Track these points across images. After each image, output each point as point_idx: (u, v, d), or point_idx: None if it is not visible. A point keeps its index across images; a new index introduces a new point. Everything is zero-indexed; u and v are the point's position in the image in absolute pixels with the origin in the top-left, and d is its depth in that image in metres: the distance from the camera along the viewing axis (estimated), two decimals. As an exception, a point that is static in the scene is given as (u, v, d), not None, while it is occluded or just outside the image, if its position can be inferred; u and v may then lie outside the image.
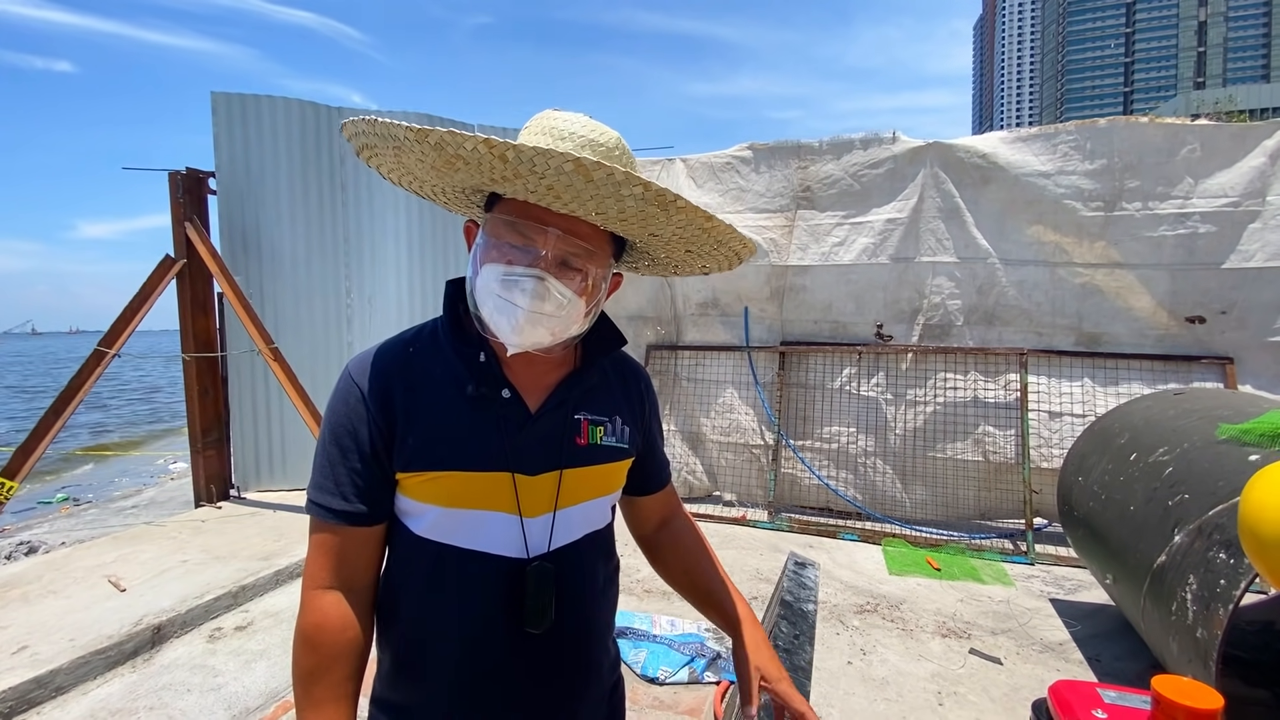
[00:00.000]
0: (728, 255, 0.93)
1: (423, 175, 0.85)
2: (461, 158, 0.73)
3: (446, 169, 0.78)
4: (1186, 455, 2.39)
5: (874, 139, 4.80)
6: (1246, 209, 4.09)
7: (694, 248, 0.90)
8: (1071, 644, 2.97)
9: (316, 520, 0.86)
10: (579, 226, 0.82)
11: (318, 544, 0.86)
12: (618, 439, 0.96)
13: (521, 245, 0.82)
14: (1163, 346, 4.33)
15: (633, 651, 2.76)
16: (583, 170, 0.70)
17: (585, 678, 0.95)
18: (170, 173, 4.85)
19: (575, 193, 0.74)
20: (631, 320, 5.49)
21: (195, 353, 4.95)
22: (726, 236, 0.86)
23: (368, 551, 0.88)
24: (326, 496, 0.85)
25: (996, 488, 4.50)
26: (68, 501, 7.65)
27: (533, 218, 0.81)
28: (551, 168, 0.70)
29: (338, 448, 0.86)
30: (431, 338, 0.92)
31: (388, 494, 0.88)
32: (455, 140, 0.70)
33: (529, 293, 0.79)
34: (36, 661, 2.64)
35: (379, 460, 0.85)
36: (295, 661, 0.85)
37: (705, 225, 0.82)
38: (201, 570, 3.59)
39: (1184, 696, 1.42)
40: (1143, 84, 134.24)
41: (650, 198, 0.74)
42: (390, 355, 0.89)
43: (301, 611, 0.85)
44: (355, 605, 0.86)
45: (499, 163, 0.71)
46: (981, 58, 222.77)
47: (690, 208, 0.77)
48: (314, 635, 0.84)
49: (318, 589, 0.85)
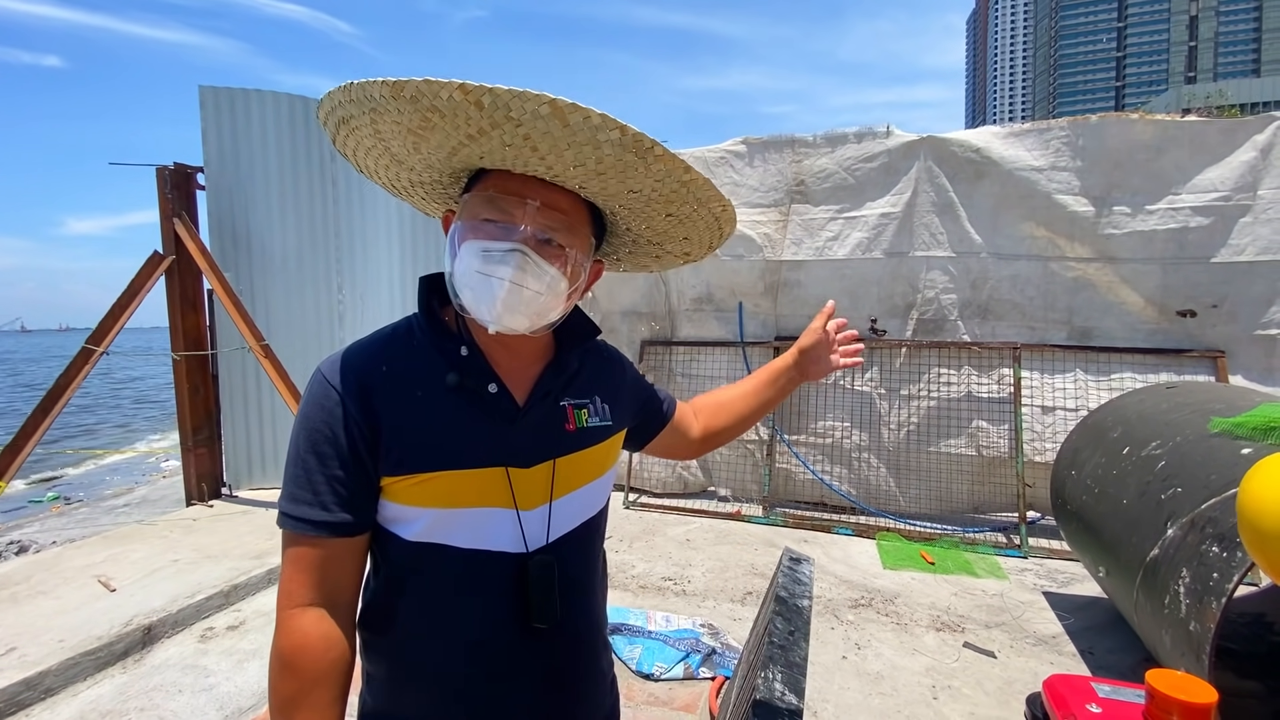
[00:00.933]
0: (708, 222, 0.91)
1: (398, 149, 0.81)
2: (438, 109, 0.70)
3: (423, 128, 0.75)
4: (1179, 449, 2.40)
5: (868, 133, 4.79)
6: (1237, 203, 4.10)
7: (674, 209, 0.87)
8: (1065, 637, 2.99)
9: (293, 534, 0.81)
10: (558, 199, 0.81)
11: (295, 559, 0.80)
12: (600, 418, 0.97)
13: (501, 221, 0.80)
14: (1154, 341, 4.35)
15: (628, 648, 2.76)
16: (559, 113, 0.68)
17: (590, 670, 0.95)
18: (158, 168, 4.79)
19: (552, 142, 0.72)
20: (625, 316, 5.48)
21: (185, 349, 4.91)
22: (705, 194, 0.84)
23: (351, 563, 0.84)
24: (304, 508, 0.80)
25: (990, 481, 4.51)
26: (58, 500, 7.59)
27: (510, 192, 0.80)
28: (528, 112, 0.68)
29: (315, 455, 0.80)
30: (408, 335, 0.89)
31: (371, 502, 0.83)
32: (430, 90, 0.68)
33: (511, 265, 0.78)
34: (25, 663, 2.61)
35: (362, 465, 0.81)
36: (273, 688, 0.79)
37: (684, 178, 0.80)
38: (193, 569, 3.56)
39: (1178, 690, 1.42)
40: (1134, 78, 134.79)
41: (628, 143, 0.72)
42: (366, 355, 0.85)
43: (278, 634, 0.79)
44: (338, 622, 0.81)
45: (475, 110, 0.69)
46: (974, 52, 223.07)
47: (669, 155, 0.75)
48: (294, 658, 0.78)
49: (296, 608, 0.79)
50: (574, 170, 0.77)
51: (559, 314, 0.86)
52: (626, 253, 1.01)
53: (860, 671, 2.71)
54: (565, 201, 0.82)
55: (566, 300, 0.86)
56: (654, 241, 0.97)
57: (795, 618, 1.45)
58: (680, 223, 0.91)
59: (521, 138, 0.72)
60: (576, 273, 0.85)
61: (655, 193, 0.83)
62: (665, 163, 0.76)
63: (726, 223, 0.92)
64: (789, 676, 1.10)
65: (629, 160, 0.75)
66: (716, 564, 3.85)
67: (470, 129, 0.73)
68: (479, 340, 0.88)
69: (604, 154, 0.74)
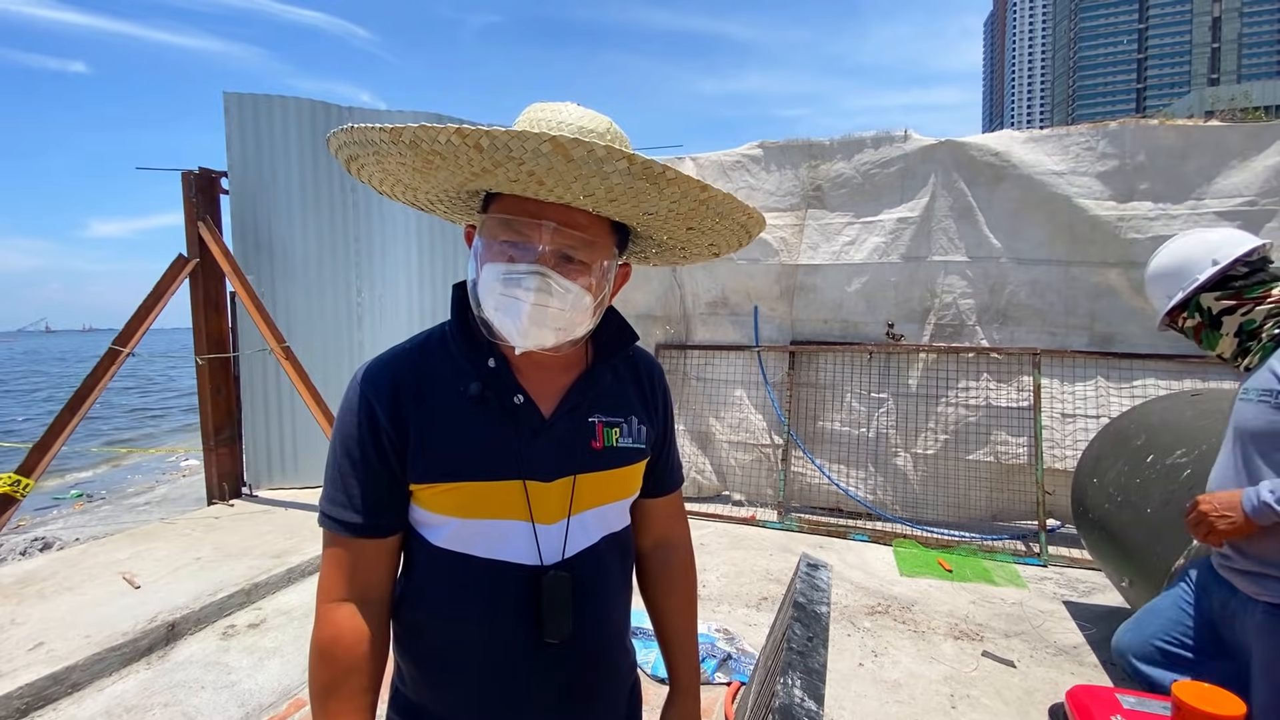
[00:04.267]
0: (734, 229, 0.89)
1: (409, 180, 0.83)
2: (438, 153, 0.71)
3: (426, 168, 0.76)
4: (1205, 457, 2.36)
5: (885, 137, 4.77)
6: (1263, 208, 4.03)
7: (695, 223, 0.85)
8: (1086, 647, 2.95)
9: (329, 533, 0.85)
10: (574, 217, 0.80)
11: (331, 557, 0.85)
12: (634, 439, 0.94)
13: (518, 242, 0.80)
14: (1177, 347, 4.27)
15: (643, 652, 2.76)
16: (560, 150, 0.67)
17: (606, 684, 0.94)
18: (183, 172, 4.89)
19: (559, 176, 0.71)
20: (640, 319, 5.48)
21: (208, 351, 4.99)
22: (728, 207, 0.82)
23: (381, 564, 0.87)
24: (338, 509, 0.84)
25: (1009, 489, 4.46)
26: (81, 498, 7.74)
27: (526, 213, 0.79)
28: (529, 151, 0.67)
29: (349, 460, 0.84)
30: (441, 343, 0.90)
31: (401, 506, 0.86)
32: (428, 135, 0.68)
33: (531, 289, 0.77)
34: (53, 658, 2.66)
35: (391, 472, 0.84)
36: (311, 675, 0.84)
37: (701, 196, 0.78)
38: (215, 567, 3.61)
39: (1206, 703, 1.40)
40: (1156, 80, 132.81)
41: (637, 172, 0.71)
42: (400, 363, 0.87)
43: (316, 625, 0.85)
44: (370, 617, 0.85)
45: (475, 153, 0.69)
46: (992, 54, 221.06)
47: (682, 178, 0.73)
48: (329, 649, 0.83)
49: (332, 602, 0.84)
50: (584, 200, 0.77)
51: (586, 328, 0.86)
52: (655, 252, 0.99)
53: (877, 679, 2.69)
54: (583, 218, 0.81)
55: (593, 313, 0.85)
56: (680, 246, 0.96)
57: (814, 624, 1.45)
58: (703, 233, 0.89)
59: (526, 174, 0.72)
60: (601, 284, 0.84)
61: (673, 212, 0.81)
62: (680, 186, 0.75)
63: (754, 227, 0.91)
64: (808, 683, 1.10)
65: (641, 187, 0.74)
66: (731, 569, 3.84)
67: (473, 168, 0.73)
68: (506, 351, 0.87)
69: (613, 184, 0.73)
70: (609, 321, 0.93)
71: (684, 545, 1.11)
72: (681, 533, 1.11)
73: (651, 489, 1.03)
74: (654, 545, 1.08)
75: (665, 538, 1.08)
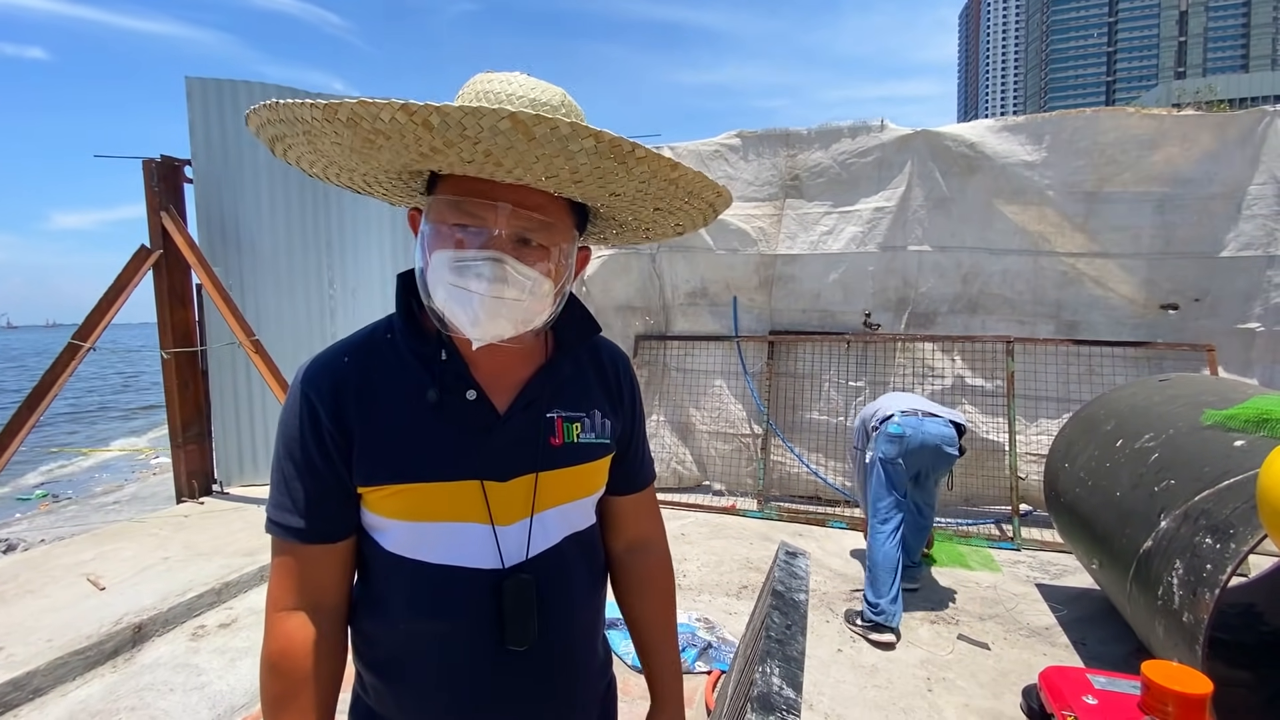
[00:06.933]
0: (701, 208, 0.84)
1: (345, 161, 0.74)
2: (380, 132, 0.63)
3: (366, 149, 0.68)
4: (1172, 441, 2.41)
5: (862, 127, 4.78)
6: (1224, 198, 4.13)
7: (663, 204, 0.80)
8: (1058, 628, 3.01)
9: (276, 540, 0.80)
10: (531, 197, 0.73)
11: (280, 565, 0.80)
12: (596, 434, 0.89)
13: (470, 226, 0.73)
14: (1138, 334, 4.38)
15: (623, 642, 2.75)
16: (522, 127, 0.60)
17: (575, 689, 0.90)
18: (144, 160, 4.72)
19: (519, 156, 0.65)
20: (619, 310, 5.46)
21: (174, 345, 4.85)
22: (698, 186, 0.77)
23: (333, 569, 0.82)
24: (284, 514, 0.79)
25: (982, 474, 4.53)
26: (47, 498, 7.51)
27: (478, 193, 0.72)
28: (486, 129, 0.61)
29: (291, 462, 0.79)
30: (386, 337, 0.84)
31: (350, 509, 0.81)
32: (369, 112, 0.60)
33: (486, 277, 0.71)
34: (12, 663, 2.58)
35: (337, 474, 0.79)
36: (262, 689, 0.80)
37: (671, 176, 0.73)
38: (184, 567, 3.53)
39: (1174, 681, 1.43)
40: (1125, 73, 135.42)
41: (604, 150, 0.65)
42: (342, 360, 0.81)
43: (266, 637, 0.80)
44: (323, 625, 0.81)
45: (423, 131, 0.62)
46: (966, 47, 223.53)
47: (653, 156, 0.68)
48: (278, 662, 0.78)
49: (281, 611, 0.80)
50: (546, 180, 0.71)
51: (546, 317, 0.80)
52: (614, 234, 0.93)
53: (855, 664, 2.72)
54: (541, 198, 0.74)
55: (554, 300, 0.79)
56: (645, 227, 0.91)
57: (792, 612, 1.45)
58: (670, 214, 0.84)
59: (483, 154, 0.65)
60: (561, 269, 0.78)
61: (641, 193, 0.76)
62: (649, 164, 0.69)
63: (722, 205, 0.85)
64: (787, 671, 1.09)
65: (608, 166, 0.68)
66: (711, 558, 3.85)
67: (421, 148, 0.66)
68: (459, 343, 0.82)
69: (578, 164, 0.67)
70: (570, 310, 0.87)
71: (660, 546, 1.05)
72: (656, 532, 1.05)
73: (621, 485, 0.97)
74: (627, 547, 1.01)
75: (639, 538, 1.02)
